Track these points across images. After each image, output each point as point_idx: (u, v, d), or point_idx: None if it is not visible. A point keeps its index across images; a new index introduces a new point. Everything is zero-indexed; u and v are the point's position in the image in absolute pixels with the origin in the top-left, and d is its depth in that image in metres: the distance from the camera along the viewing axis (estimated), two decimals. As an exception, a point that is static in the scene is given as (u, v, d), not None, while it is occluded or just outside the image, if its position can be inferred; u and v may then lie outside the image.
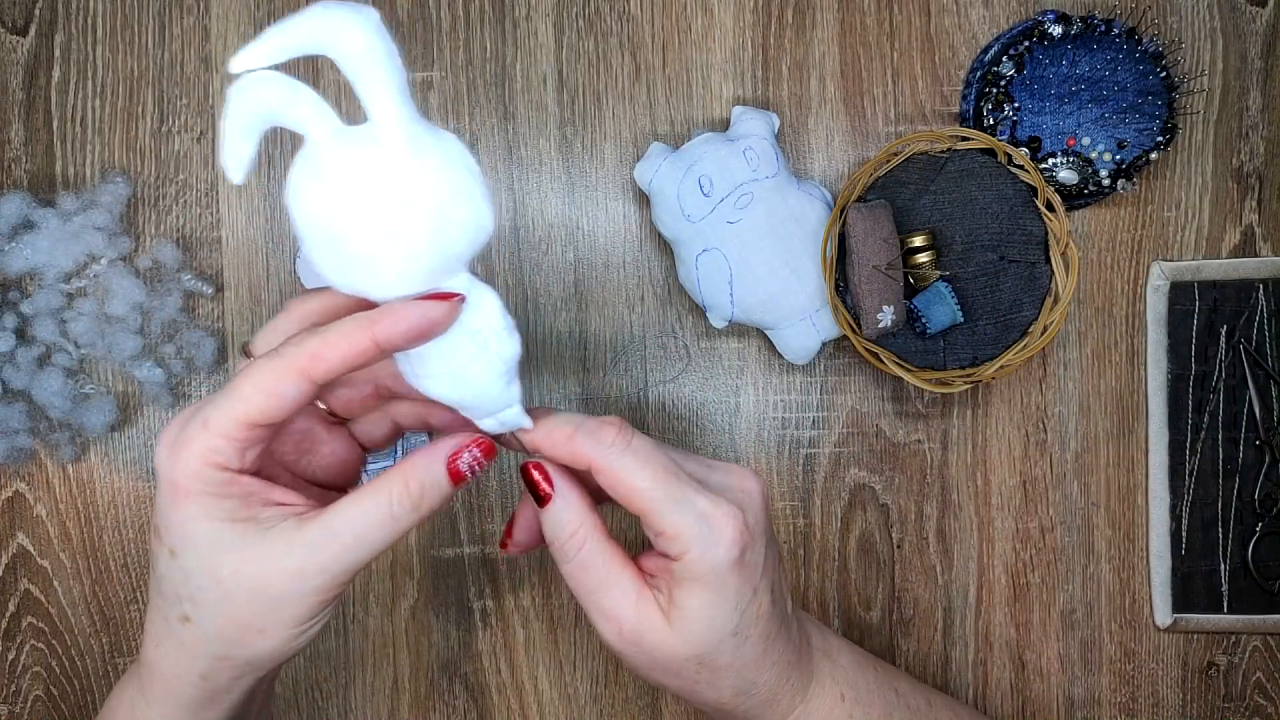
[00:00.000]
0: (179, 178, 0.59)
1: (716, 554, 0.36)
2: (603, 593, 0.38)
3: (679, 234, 0.56)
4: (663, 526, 0.36)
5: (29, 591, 0.59)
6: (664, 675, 0.39)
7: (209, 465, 0.33)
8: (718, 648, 0.38)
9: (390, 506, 0.35)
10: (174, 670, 0.36)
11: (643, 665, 0.39)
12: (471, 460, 0.36)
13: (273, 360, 0.33)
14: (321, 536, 0.34)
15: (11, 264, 0.56)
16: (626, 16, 0.59)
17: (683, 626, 0.37)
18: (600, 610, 0.38)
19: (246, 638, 0.35)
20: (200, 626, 0.35)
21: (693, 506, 0.37)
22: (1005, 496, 0.60)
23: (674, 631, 0.37)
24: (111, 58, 0.58)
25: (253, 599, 0.34)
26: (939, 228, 0.56)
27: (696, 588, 0.37)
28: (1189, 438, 0.59)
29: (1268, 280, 0.58)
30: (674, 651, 0.37)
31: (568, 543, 0.38)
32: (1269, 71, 0.59)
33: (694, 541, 0.36)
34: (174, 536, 0.34)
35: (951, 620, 0.60)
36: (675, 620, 0.37)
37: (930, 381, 0.55)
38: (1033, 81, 0.56)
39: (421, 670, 0.60)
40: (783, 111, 0.59)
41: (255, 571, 0.34)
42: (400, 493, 0.35)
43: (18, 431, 0.57)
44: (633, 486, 0.36)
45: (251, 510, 0.34)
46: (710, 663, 0.38)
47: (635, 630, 0.37)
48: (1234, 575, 0.59)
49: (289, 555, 0.34)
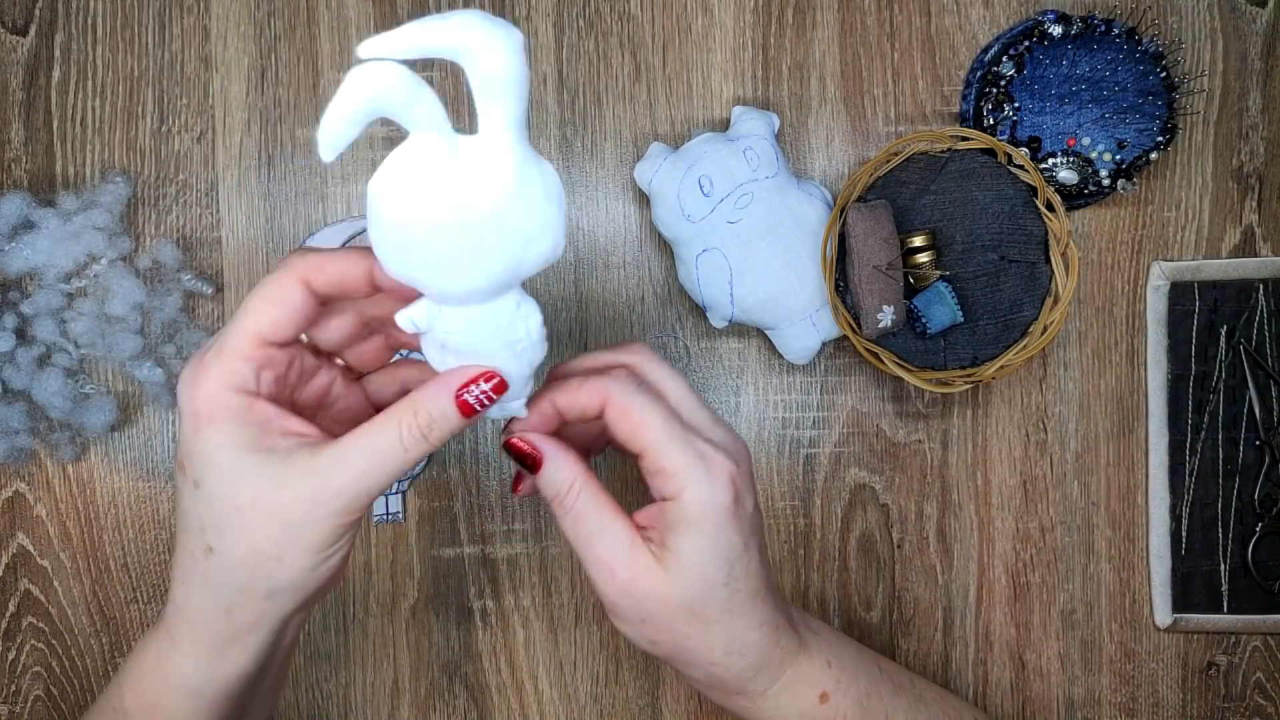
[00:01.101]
0: (179, 178, 0.59)
1: (712, 496, 0.38)
2: (597, 540, 0.39)
3: (679, 234, 0.56)
4: (663, 464, 0.38)
5: (29, 591, 0.59)
6: (655, 630, 0.39)
7: (228, 389, 0.35)
8: (709, 596, 0.39)
9: (400, 435, 0.36)
10: (200, 606, 0.37)
11: (634, 618, 0.39)
12: (480, 394, 0.37)
13: (276, 272, 0.35)
14: (334, 463, 0.35)
15: (11, 264, 0.56)
16: (626, 16, 0.59)
17: (676, 572, 0.38)
18: (595, 558, 0.39)
19: (266, 565, 0.36)
20: (222, 557, 0.36)
21: (692, 447, 0.38)
22: (1005, 496, 0.60)
23: (667, 577, 0.38)
24: (111, 58, 0.58)
25: (270, 525, 0.35)
26: (939, 228, 0.56)
27: (691, 531, 0.38)
28: (1189, 438, 0.59)
29: (1268, 280, 0.58)
30: (666, 598, 0.38)
31: (565, 497, 0.39)
32: (1269, 71, 0.59)
33: (691, 481, 0.38)
34: (196, 467, 0.35)
35: (951, 620, 0.60)
36: (668, 565, 0.38)
37: (930, 381, 0.55)
38: (1033, 81, 0.56)
39: (421, 670, 0.60)
40: (783, 111, 0.59)
41: (272, 499, 0.35)
42: (410, 421, 0.36)
43: (18, 431, 0.57)
44: (641, 421, 0.38)
45: (270, 439, 0.35)
46: (701, 613, 0.39)
47: (628, 576, 0.38)
48: (1234, 575, 0.59)
49: (303, 482, 0.35)
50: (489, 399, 0.37)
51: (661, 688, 0.60)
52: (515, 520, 0.60)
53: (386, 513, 0.59)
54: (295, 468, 0.35)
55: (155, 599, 0.59)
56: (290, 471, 0.35)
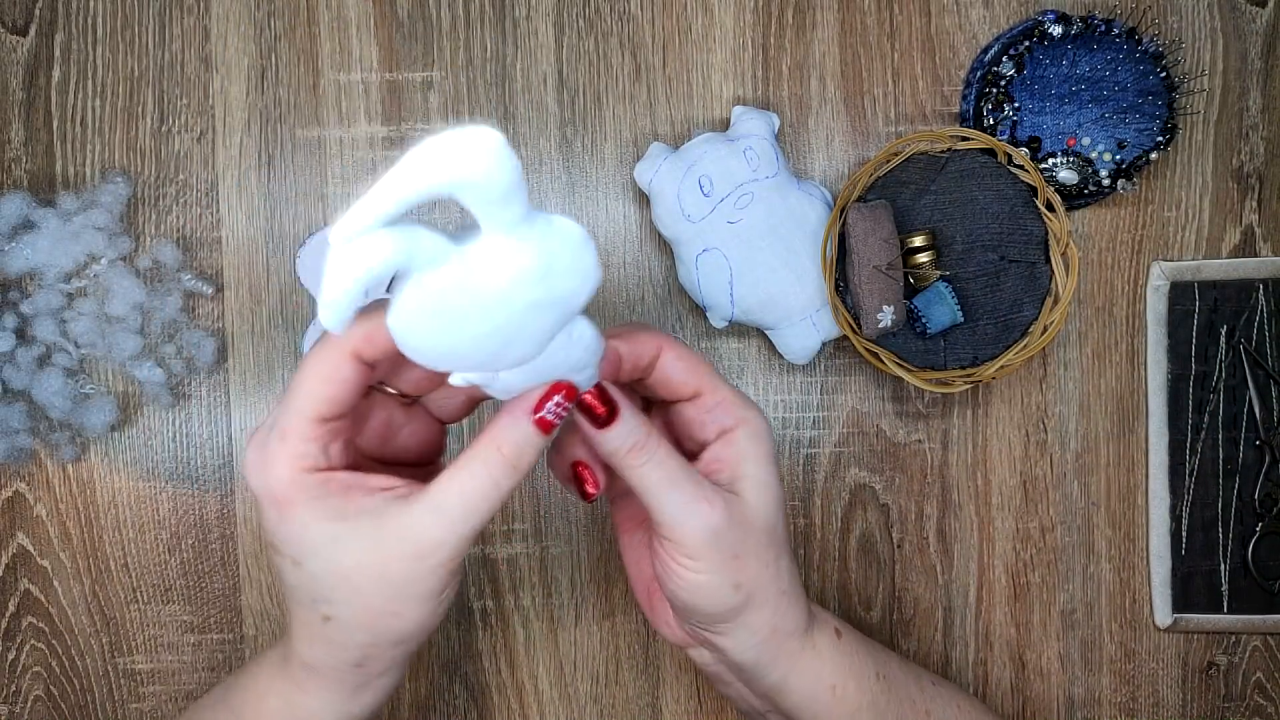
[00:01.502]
0: (179, 178, 0.59)
1: (763, 420, 0.41)
2: (688, 479, 0.39)
3: (679, 234, 0.56)
4: (725, 392, 0.40)
5: (29, 591, 0.59)
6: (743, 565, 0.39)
7: (300, 471, 0.35)
8: (780, 516, 0.41)
9: (490, 474, 0.35)
10: (331, 665, 0.38)
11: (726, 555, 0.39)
12: (556, 408, 0.36)
13: (325, 348, 0.35)
14: (430, 515, 0.35)
15: (11, 264, 0.56)
16: (626, 16, 0.59)
17: (755, 494, 0.40)
18: (689, 497, 0.38)
19: (386, 621, 0.36)
20: (342, 621, 0.36)
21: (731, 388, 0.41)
22: (1005, 496, 0.60)
23: (749, 501, 0.40)
24: (111, 58, 0.58)
25: (380, 586, 0.35)
26: (939, 228, 0.56)
27: (759, 449, 0.40)
28: (1189, 438, 0.59)
29: (1268, 280, 0.58)
30: (752, 522, 0.39)
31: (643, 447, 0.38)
32: (1269, 71, 0.59)
33: (748, 404, 0.41)
34: (292, 547, 0.35)
35: (951, 620, 0.60)
36: (747, 492, 0.40)
37: (930, 381, 0.55)
38: (1033, 81, 0.56)
39: (421, 670, 0.60)
40: (783, 111, 0.59)
41: (375, 560, 0.35)
42: (495, 458, 0.36)
43: (18, 431, 0.57)
44: (697, 360, 0.40)
45: (356, 502, 0.35)
46: (776, 535, 0.41)
47: (725, 508, 0.39)
48: (1234, 575, 0.59)
49: (403, 540, 0.35)
50: (565, 409, 0.36)
51: (661, 688, 0.60)
52: (515, 520, 0.60)
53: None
54: (391, 526, 0.35)
55: (155, 599, 0.59)
56: (387, 531, 0.35)
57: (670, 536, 0.39)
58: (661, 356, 0.40)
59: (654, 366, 0.40)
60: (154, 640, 0.59)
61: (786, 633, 0.42)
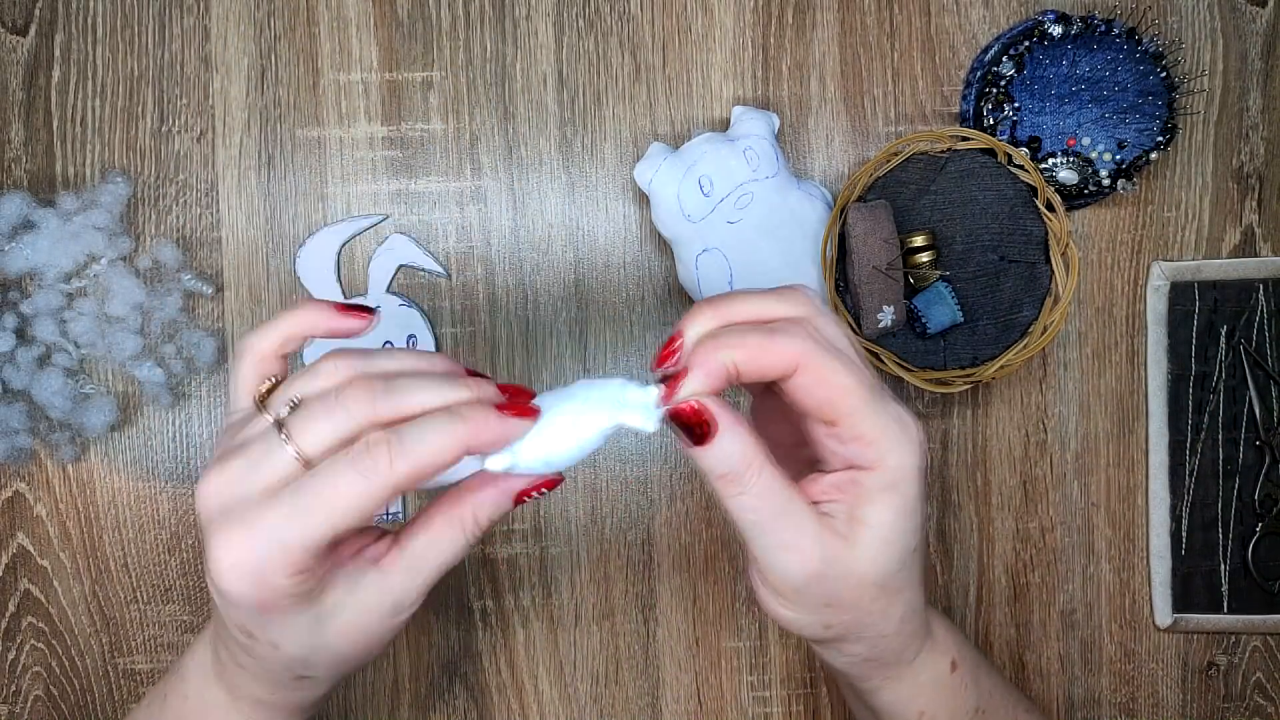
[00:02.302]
0: (179, 178, 0.59)
1: (911, 460, 0.35)
2: (783, 522, 0.35)
3: (679, 234, 0.56)
4: (861, 430, 0.35)
5: (29, 591, 0.59)
6: (838, 611, 0.37)
7: (295, 580, 0.34)
8: (899, 567, 0.37)
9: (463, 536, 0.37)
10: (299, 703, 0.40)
11: (817, 602, 0.37)
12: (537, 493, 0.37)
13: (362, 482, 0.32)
14: (407, 576, 0.36)
15: (11, 264, 0.56)
16: (626, 16, 0.59)
17: (869, 546, 0.36)
18: (780, 543, 0.35)
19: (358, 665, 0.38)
20: (319, 676, 0.38)
21: (888, 412, 0.35)
22: (1005, 496, 0.60)
23: (860, 553, 0.36)
24: (111, 58, 0.58)
25: (358, 645, 0.37)
26: (939, 228, 0.56)
27: (889, 499, 0.35)
28: (1189, 438, 0.59)
29: (1268, 280, 0.58)
30: (862, 576, 0.36)
31: (746, 474, 0.35)
32: (1269, 71, 0.59)
33: (893, 446, 0.35)
34: (271, 634, 0.36)
35: (951, 620, 0.60)
36: (859, 540, 0.36)
37: (930, 381, 0.55)
38: (1033, 81, 0.56)
39: (421, 670, 0.60)
40: (783, 111, 0.59)
41: (356, 622, 0.36)
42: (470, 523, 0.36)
43: (18, 431, 0.57)
44: (840, 386, 0.35)
45: (333, 579, 0.36)
46: (889, 585, 0.37)
47: (822, 558, 0.35)
48: (1234, 575, 0.59)
49: (382, 603, 0.36)
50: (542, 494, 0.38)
51: (661, 688, 0.60)
52: (515, 520, 0.60)
53: (387, 513, 0.59)
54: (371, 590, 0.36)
55: (155, 599, 0.59)
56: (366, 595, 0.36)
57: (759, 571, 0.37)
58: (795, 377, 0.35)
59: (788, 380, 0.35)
60: (154, 640, 0.59)
61: (884, 663, 0.40)
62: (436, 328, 0.59)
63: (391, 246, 0.58)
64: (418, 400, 0.34)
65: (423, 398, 0.34)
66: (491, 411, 0.34)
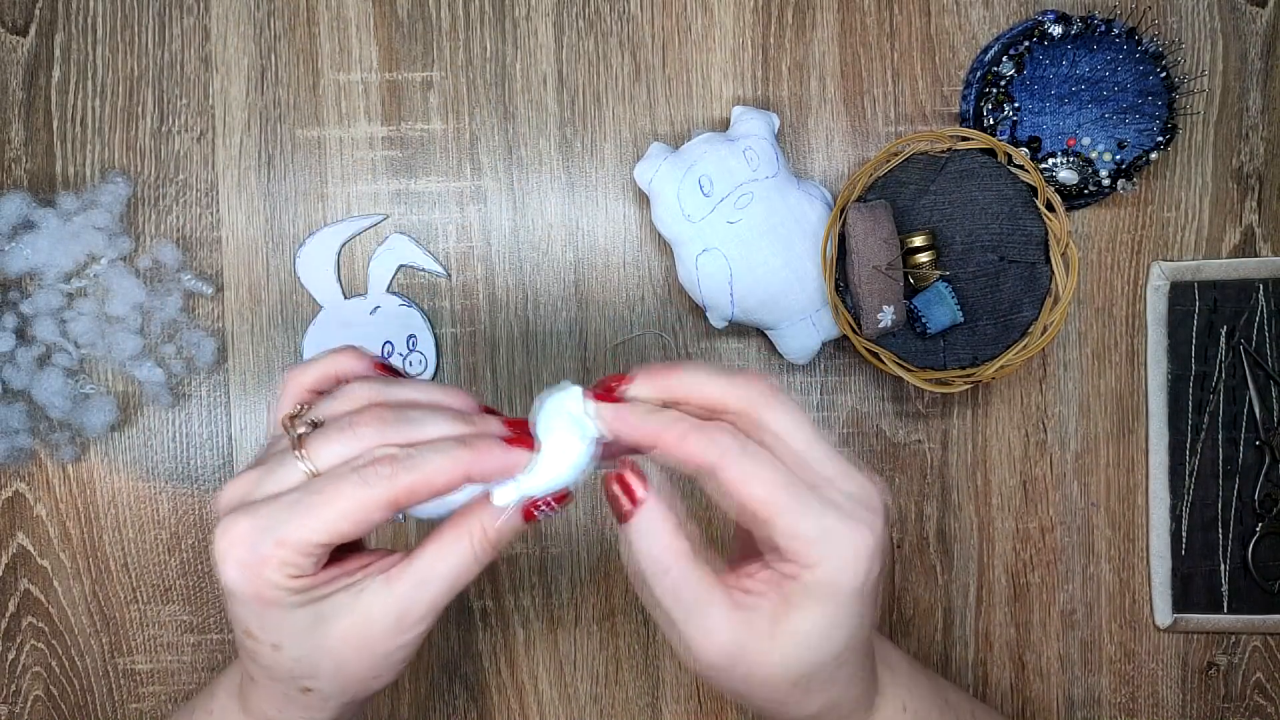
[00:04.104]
0: (179, 178, 0.59)
1: (846, 576, 0.34)
2: (697, 616, 0.35)
3: (679, 234, 0.56)
4: (800, 529, 0.34)
5: (29, 591, 0.59)
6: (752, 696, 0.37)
7: (290, 579, 0.34)
8: (819, 671, 0.36)
9: (474, 553, 0.37)
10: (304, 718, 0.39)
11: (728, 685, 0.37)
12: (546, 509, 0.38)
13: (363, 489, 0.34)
14: (413, 589, 0.36)
15: (11, 264, 0.56)
16: (626, 16, 0.59)
17: (788, 650, 0.35)
18: (692, 636, 0.36)
19: (365, 685, 0.38)
20: (323, 690, 0.37)
21: (823, 519, 0.34)
22: (1005, 496, 0.60)
23: (777, 655, 0.35)
24: (111, 58, 0.58)
25: (362, 655, 0.36)
26: (939, 228, 0.56)
27: (814, 608, 0.35)
28: (1189, 438, 0.59)
29: (1268, 280, 0.58)
30: (773, 675, 0.36)
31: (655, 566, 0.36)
32: (1269, 72, 0.59)
33: (825, 557, 0.34)
34: (271, 635, 0.36)
35: (951, 620, 0.60)
36: (780, 642, 0.35)
37: (930, 381, 0.55)
38: (1033, 81, 0.56)
39: (421, 670, 0.60)
40: (783, 111, 0.59)
41: (360, 634, 0.36)
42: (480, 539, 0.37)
43: (18, 431, 0.57)
44: (757, 495, 0.34)
45: (337, 584, 0.36)
46: (806, 685, 0.36)
47: (731, 655, 0.35)
48: (1234, 575, 0.59)
49: (386, 613, 0.36)
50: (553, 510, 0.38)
51: (661, 688, 0.60)
52: (515, 520, 0.60)
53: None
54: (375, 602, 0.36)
55: (155, 599, 0.59)
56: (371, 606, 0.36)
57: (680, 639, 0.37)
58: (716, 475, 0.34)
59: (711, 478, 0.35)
60: (154, 640, 0.59)
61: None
62: (436, 327, 0.59)
63: (391, 246, 0.58)
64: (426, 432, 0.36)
65: (431, 430, 0.36)
66: (496, 441, 0.36)
